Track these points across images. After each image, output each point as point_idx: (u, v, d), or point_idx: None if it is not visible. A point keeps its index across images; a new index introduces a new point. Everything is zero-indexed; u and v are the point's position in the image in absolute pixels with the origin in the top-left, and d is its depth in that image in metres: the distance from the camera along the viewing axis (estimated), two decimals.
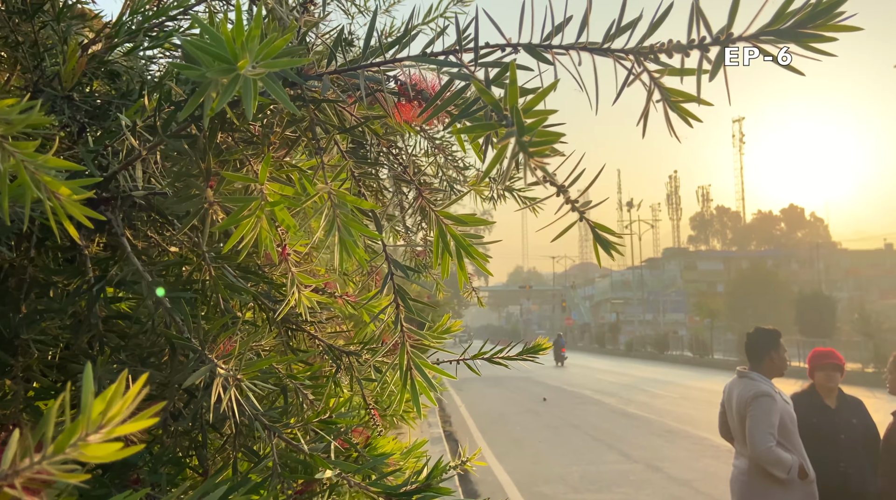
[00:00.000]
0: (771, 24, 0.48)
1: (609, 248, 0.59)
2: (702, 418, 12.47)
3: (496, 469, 8.24)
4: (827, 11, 0.45)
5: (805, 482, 3.03)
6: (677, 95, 0.52)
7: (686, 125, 0.53)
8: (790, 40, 0.48)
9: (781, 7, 0.47)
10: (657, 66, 0.53)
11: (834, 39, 0.47)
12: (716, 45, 0.50)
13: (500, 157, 0.47)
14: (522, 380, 22.59)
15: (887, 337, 22.62)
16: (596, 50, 0.55)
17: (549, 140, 0.44)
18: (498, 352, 1.10)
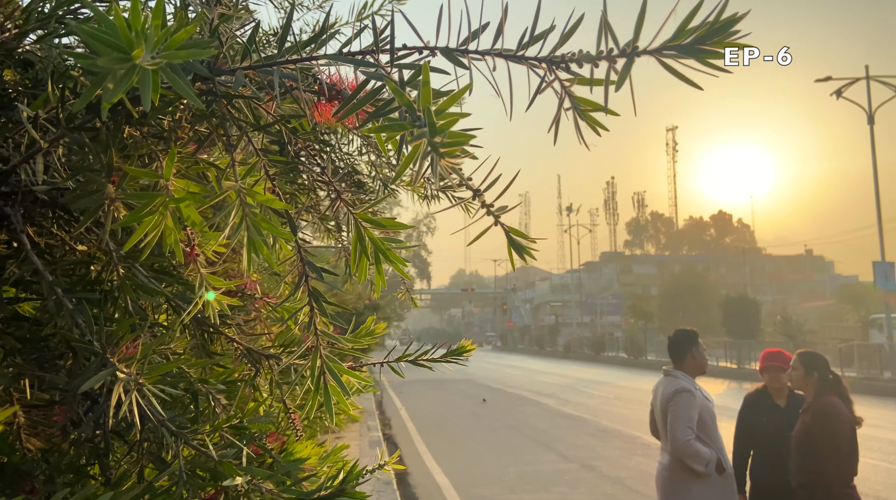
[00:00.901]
0: (673, 40, 0.49)
1: (523, 252, 0.60)
2: (635, 417, 12.86)
3: (435, 472, 8.25)
4: (723, 30, 0.47)
5: (723, 476, 3.17)
6: (586, 104, 0.53)
7: (595, 134, 0.54)
8: (690, 56, 0.49)
9: (682, 24, 0.49)
10: (568, 75, 0.54)
11: None
12: (622, 57, 0.51)
13: (413, 157, 0.47)
14: (464, 382, 22.71)
15: (807, 339, 23.91)
16: (511, 56, 0.55)
17: (460, 141, 0.45)
18: (422, 354, 1.10)
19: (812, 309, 46.16)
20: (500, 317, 74.08)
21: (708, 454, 3.13)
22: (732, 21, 0.48)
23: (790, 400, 3.60)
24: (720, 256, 79.89)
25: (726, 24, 0.48)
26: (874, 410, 14.28)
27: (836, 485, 3.06)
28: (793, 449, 3.25)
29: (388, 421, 12.75)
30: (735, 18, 0.49)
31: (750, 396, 3.87)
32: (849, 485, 3.10)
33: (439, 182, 1.48)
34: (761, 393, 3.78)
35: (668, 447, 3.32)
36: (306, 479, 0.69)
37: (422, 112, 0.48)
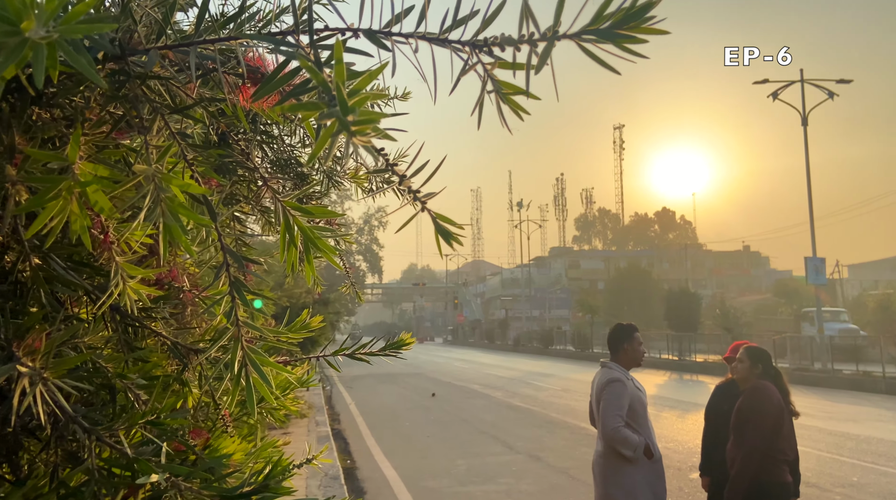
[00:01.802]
0: (591, 24, 0.50)
1: (450, 238, 0.59)
2: (580, 408, 13.14)
3: (384, 466, 8.23)
4: (639, 15, 0.48)
5: (651, 460, 3.30)
6: (508, 88, 0.53)
7: (517, 118, 0.54)
8: (608, 40, 0.50)
9: (600, 8, 0.49)
10: (491, 58, 0.54)
11: (645, 41, 0.49)
12: (543, 41, 0.51)
13: (327, 136, 0.45)
14: (415, 376, 22.73)
15: (744, 331, 24.95)
16: (434, 40, 0.55)
17: (372, 119, 0.44)
18: (360, 348, 1.09)
19: (749, 303, 48.12)
20: (452, 311, 74.45)
21: (636, 440, 3.25)
22: (648, 6, 0.49)
23: None
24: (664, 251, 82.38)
25: (641, 9, 0.48)
26: (805, 399, 15.01)
27: (752, 458, 3.22)
28: (731, 431, 3.43)
29: (338, 416, 12.64)
30: (650, 3, 0.49)
31: (719, 386, 4.05)
32: (773, 465, 3.24)
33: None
34: (730, 383, 3.94)
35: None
36: (231, 475, 0.67)
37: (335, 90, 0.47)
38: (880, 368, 18.09)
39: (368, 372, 23.62)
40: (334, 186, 1.60)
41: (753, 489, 3.22)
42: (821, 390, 17.26)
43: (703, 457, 3.93)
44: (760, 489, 3.23)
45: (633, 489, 3.29)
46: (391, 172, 0.62)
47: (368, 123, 0.42)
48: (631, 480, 3.30)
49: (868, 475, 7.37)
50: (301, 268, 0.71)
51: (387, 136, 0.47)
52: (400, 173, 0.60)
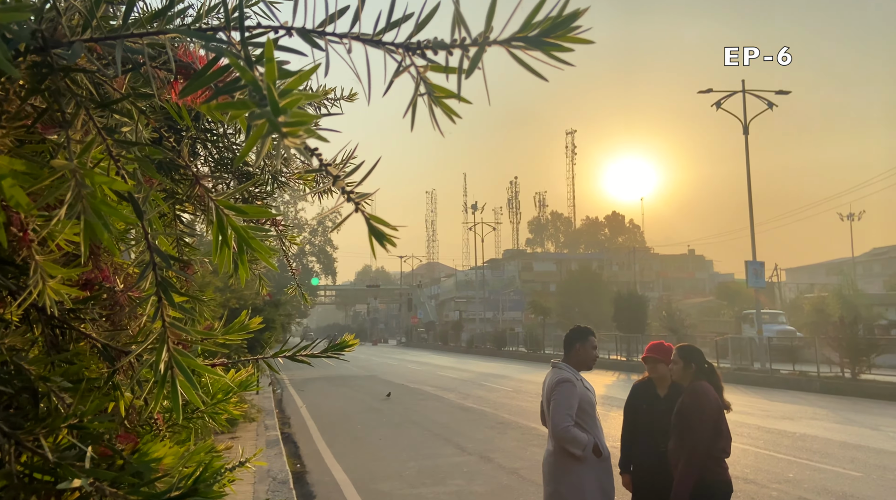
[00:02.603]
0: (520, 32, 0.51)
1: (383, 239, 0.59)
2: (532, 409, 13.30)
3: (334, 469, 8.15)
4: (565, 24, 0.49)
5: (600, 459, 3.37)
6: (440, 91, 0.54)
7: (450, 121, 0.55)
8: (536, 47, 0.51)
9: (528, 17, 0.50)
10: (425, 61, 0.55)
11: (571, 50, 0.51)
12: (474, 46, 0.52)
13: (257, 136, 0.45)
14: (367, 379, 22.57)
15: (688, 332, 25.72)
16: (368, 41, 0.55)
17: (304, 121, 0.43)
18: (302, 349, 1.08)
19: (693, 305, 49.65)
20: (406, 313, 74.25)
21: (585, 439, 3.31)
22: (574, 16, 0.50)
23: (671, 390, 3.85)
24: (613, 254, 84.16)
25: (568, 18, 0.50)
26: (744, 398, 15.59)
27: (694, 458, 3.31)
28: (671, 427, 3.51)
29: (288, 420, 12.44)
30: (576, 14, 0.51)
31: (636, 385, 4.11)
32: (713, 461, 3.35)
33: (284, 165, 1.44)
34: (647, 382, 4.03)
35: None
36: (160, 479, 0.65)
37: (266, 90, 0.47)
38: (815, 368, 18.95)
39: (321, 375, 23.32)
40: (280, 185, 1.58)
41: (699, 490, 3.30)
42: (760, 390, 17.95)
43: (622, 455, 3.98)
44: (706, 488, 3.32)
45: (581, 487, 3.35)
46: (325, 173, 0.61)
47: (300, 124, 0.42)
48: (579, 479, 3.35)
49: (803, 472, 7.69)
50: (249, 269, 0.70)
51: (319, 137, 0.47)
52: (334, 174, 0.60)
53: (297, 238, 1.56)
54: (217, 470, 0.69)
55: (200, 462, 0.71)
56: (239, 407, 1.27)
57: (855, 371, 17.58)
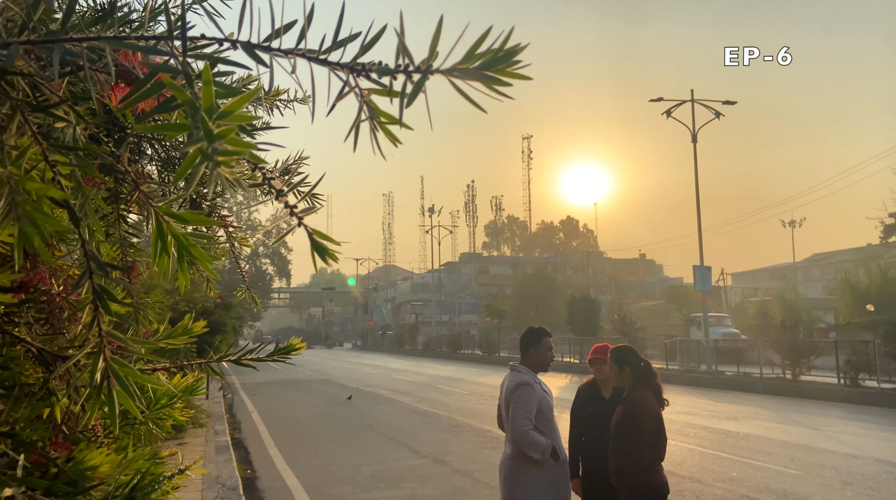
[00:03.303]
0: (461, 63, 0.52)
1: (325, 254, 0.60)
2: (486, 411, 13.38)
3: (286, 474, 8.03)
4: (505, 59, 0.51)
5: (558, 462, 3.41)
6: (383, 116, 0.55)
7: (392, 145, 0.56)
8: (476, 79, 0.52)
9: (470, 49, 0.52)
10: (370, 83, 0.56)
11: (509, 84, 0.53)
12: (417, 73, 0.53)
13: (190, 163, 0.45)
14: (321, 382, 22.31)
15: (639, 335, 26.32)
16: (314, 59, 0.55)
17: (240, 151, 0.44)
18: (246, 353, 1.07)
19: (644, 308, 50.83)
20: (362, 316, 73.67)
21: (544, 443, 3.34)
22: (514, 52, 0.52)
23: (615, 392, 3.91)
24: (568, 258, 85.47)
25: (508, 53, 0.51)
26: (691, 399, 16.05)
27: (640, 471, 3.38)
28: (610, 437, 3.56)
29: (239, 425, 12.20)
30: (516, 50, 0.52)
31: (581, 387, 4.16)
32: (654, 470, 3.43)
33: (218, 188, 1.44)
34: (591, 385, 4.09)
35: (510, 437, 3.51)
36: (96, 488, 0.64)
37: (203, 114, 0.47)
38: (758, 369, 19.66)
39: (273, 379, 22.94)
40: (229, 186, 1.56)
41: (642, 496, 3.38)
42: (706, 391, 18.50)
43: (570, 459, 3.94)
44: (648, 491, 3.39)
45: (537, 491, 3.38)
46: (269, 187, 0.62)
47: (237, 154, 0.42)
48: (536, 483, 3.38)
49: (746, 471, 7.97)
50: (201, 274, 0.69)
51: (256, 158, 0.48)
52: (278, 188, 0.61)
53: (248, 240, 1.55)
54: (156, 478, 0.68)
55: (138, 470, 0.71)
56: (185, 413, 1.25)
57: (795, 373, 18.31)
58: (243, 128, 0.56)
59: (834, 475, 7.66)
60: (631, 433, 3.42)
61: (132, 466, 0.73)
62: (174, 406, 1.20)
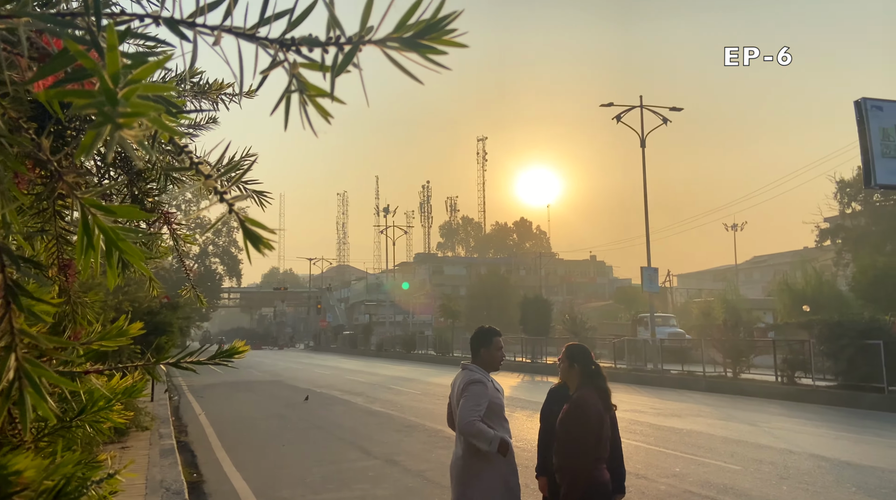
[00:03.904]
0: (394, 32, 0.51)
1: (259, 243, 0.58)
2: (439, 411, 13.41)
3: (233, 478, 7.85)
4: (438, 26, 0.50)
5: (506, 458, 3.45)
6: (313, 90, 0.53)
7: (325, 121, 0.55)
8: (411, 49, 0.51)
9: (403, 18, 0.51)
10: (301, 58, 0.54)
11: (445, 53, 0.52)
12: (348, 44, 0.52)
13: (95, 128, 0.43)
14: (271, 384, 21.92)
15: (589, 335, 26.85)
16: (241, 34, 0.54)
17: (141, 111, 0.42)
18: (187, 355, 1.04)
19: (594, 308, 51.87)
20: (315, 316, 72.69)
21: (492, 434, 3.37)
22: (447, 19, 0.51)
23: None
24: (521, 259, 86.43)
25: (441, 21, 0.50)
26: (638, 397, 16.47)
27: (579, 468, 3.44)
28: (557, 434, 3.61)
29: (185, 428, 11.87)
30: (451, 17, 0.51)
31: (552, 389, 4.19)
32: (595, 468, 3.49)
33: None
34: (561, 386, 4.13)
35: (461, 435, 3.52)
36: (19, 493, 0.61)
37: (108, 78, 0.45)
38: (701, 368, 20.31)
39: (222, 380, 22.42)
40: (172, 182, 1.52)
41: (584, 494, 3.44)
42: (652, 389, 19.01)
43: (538, 458, 4.06)
44: (589, 490, 3.45)
45: (488, 489, 3.39)
46: (197, 172, 0.60)
47: (137, 115, 0.41)
48: (487, 481, 3.39)
49: (689, 466, 8.22)
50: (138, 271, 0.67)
51: (172, 130, 0.46)
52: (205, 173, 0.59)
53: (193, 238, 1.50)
54: (83, 482, 0.66)
55: (65, 475, 0.67)
56: (124, 415, 1.20)
57: (736, 371, 19.00)
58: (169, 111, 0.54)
59: (771, 470, 7.97)
60: (572, 430, 3.48)
61: (60, 471, 0.70)
62: (112, 409, 1.16)
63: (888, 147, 15.06)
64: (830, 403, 14.91)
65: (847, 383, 15.41)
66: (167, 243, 1.41)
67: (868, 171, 15.13)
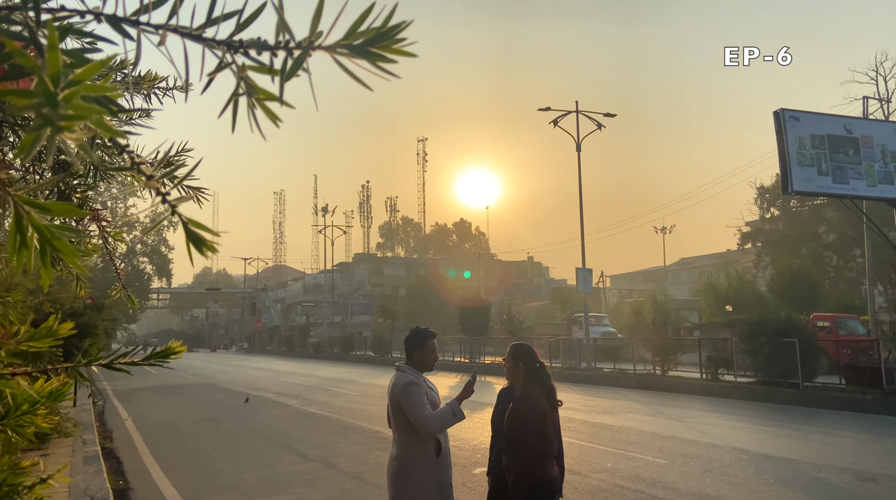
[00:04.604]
0: (344, 39, 0.51)
1: (202, 245, 0.58)
2: (377, 412, 13.34)
3: (162, 484, 7.57)
4: (388, 35, 0.51)
5: (439, 457, 3.49)
6: (262, 93, 0.53)
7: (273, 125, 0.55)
8: (360, 56, 0.52)
9: (353, 25, 0.51)
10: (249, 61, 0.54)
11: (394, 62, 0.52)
12: (298, 49, 0.52)
13: (34, 130, 0.43)
14: (203, 387, 21.24)
15: (526, 334, 27.33)
16: (187, 34, 0.53)
17: (83, 115, 0.42)
18: (121, 356, 1.01)
19: (531, 309, 52.81)
20: (249, 318, 70.81)
21: (448, 411, 3.45)
22: (397, 28, 0.52)
23: None
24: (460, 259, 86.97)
25: (392, 30, 0.51)
26: (573, 395, 16.88)
27: (525, 465, 3.52)
28: (503, 437, 3.68)
29: (110, 434, 11.35)
30: (401, 26, 0.52)
31: (502, 389, 4.23)
32: (541, 464, 3.57)
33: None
34: (510, 386, 4.18)
35: (399, 437, 3.53)
36: None
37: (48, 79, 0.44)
38: (632, 366, 21.03)
39: (149, 384, 21.55)
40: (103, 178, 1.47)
41: (530, 489, 3.51)
42: (586, 387, 19.53)
43: (490, 458, 4.12)
44: (535, 487, 3.52)
45: (423, 488, 3.42)
46: (138, 171, 0.60)
47: (78, 118, 0.41)
48: (421, 481, 3.42)
49: (619, 461, 8.50)
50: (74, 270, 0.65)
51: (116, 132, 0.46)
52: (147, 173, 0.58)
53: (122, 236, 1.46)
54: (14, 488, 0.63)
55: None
56: (49, 420, 1.16)
57: (664, 369, 19.77)
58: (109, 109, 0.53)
59: (696, 464, 8.35)
60: (517, 428, 3.55)
61: None
62: (36, 413, 1.11)
63: (804, 156, 16.04)
64: (751, 398, 15.72)
65: (766, 379, 16.30)
66: (96, 242, 1.36)
67: (786, 178, 16.05)
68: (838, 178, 16.31)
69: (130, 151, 0.59)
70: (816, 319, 21.70)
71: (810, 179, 16.09)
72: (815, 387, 15.40)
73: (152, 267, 62.47)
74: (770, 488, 7.11)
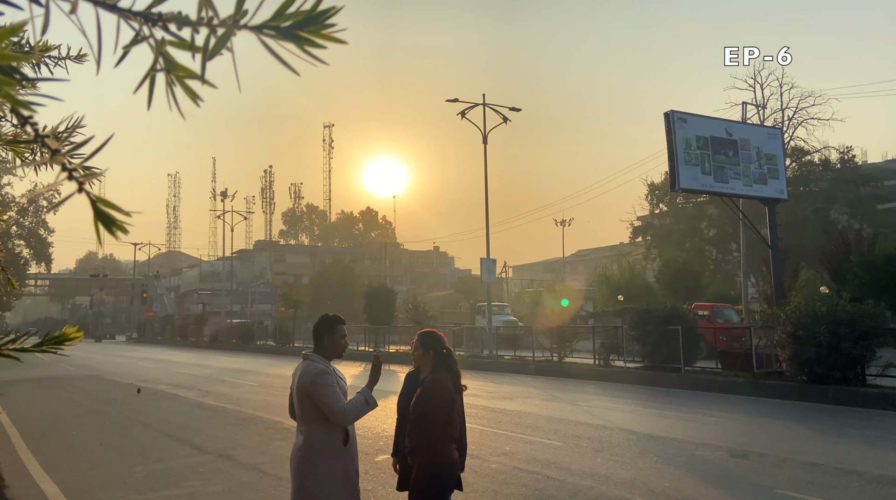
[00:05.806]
0: (271, 21, 0.51)
1: (112, 226, 0.57)
2: (278, 403, 13.04)
3: (42, 481, 7.05)
4: (318, 19, 0.50)
5: (346, 447, 3.49)
6: (182, 70, 0.52)
7: (193, 104, 0.54)
8: (288, 39, 0.51)
9: (281, 7, 0.50)
10: (169, 36, 0.52)
11: (323, 47, 0.52)
12: (222, 27, 0.51)
13: None
14: (88, 379, 19.86)
15: (431, 323, 27.58)
16: (101, 3, 0.51)
17: None
18: (8, 343, 0.95)
19: (437, 298, 53.37)
20: (139, 306, 66.67)
21: (362, 400, 3.44)
22: (327, 13, 0.51)
23: None
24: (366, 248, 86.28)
25: (321, 14, 0.51)
26: (475, 382, 17.28)
27: (429, 449, 3.61)
28: (410, 421, 3.74)
29: None
30: (331, 11, 0.51)
31: (408, 374, 4.26)
32: (445, 448, 3.67)
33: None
34: (416, 372, 4.21)
35: (304, 427, 3.48)
36: None
37: None
38: (531, 353, 21.80)
39: (26, 376, 19.90)
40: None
41: (433, 473, 3.60)
42: (488, 374, 20.05)
43: (395, 440, 4.15)
44: (437, 468, 3.62)
45: (327, 479, 3.39)
46: (42, 145, 0.58)
47: None
48: (326, 471, 3.39)
49: (517, 445, 8.82)
50: None
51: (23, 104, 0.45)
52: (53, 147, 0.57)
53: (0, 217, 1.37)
54: None
55: None
56: None
57: (561, 355, 20.65)
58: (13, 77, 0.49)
59: (588, 445, 8.82)
60: (424, 412, 3.62)
61: None
62: None
63: (690, 155, 17.21)
64: (639, 382, 16.76)
65: (652, 364, 17.43)
66: None
67: (674, 175, 17.17)
68: (719, 177, 17.66)
69: (35, 123, 0.57)
70: (697, 308, 23.41)
71: (695, 178, 17.30)
72: (695, 371, 16.65)
73: (29, 251, 57.38)
74: (654, 465, 7.65)
